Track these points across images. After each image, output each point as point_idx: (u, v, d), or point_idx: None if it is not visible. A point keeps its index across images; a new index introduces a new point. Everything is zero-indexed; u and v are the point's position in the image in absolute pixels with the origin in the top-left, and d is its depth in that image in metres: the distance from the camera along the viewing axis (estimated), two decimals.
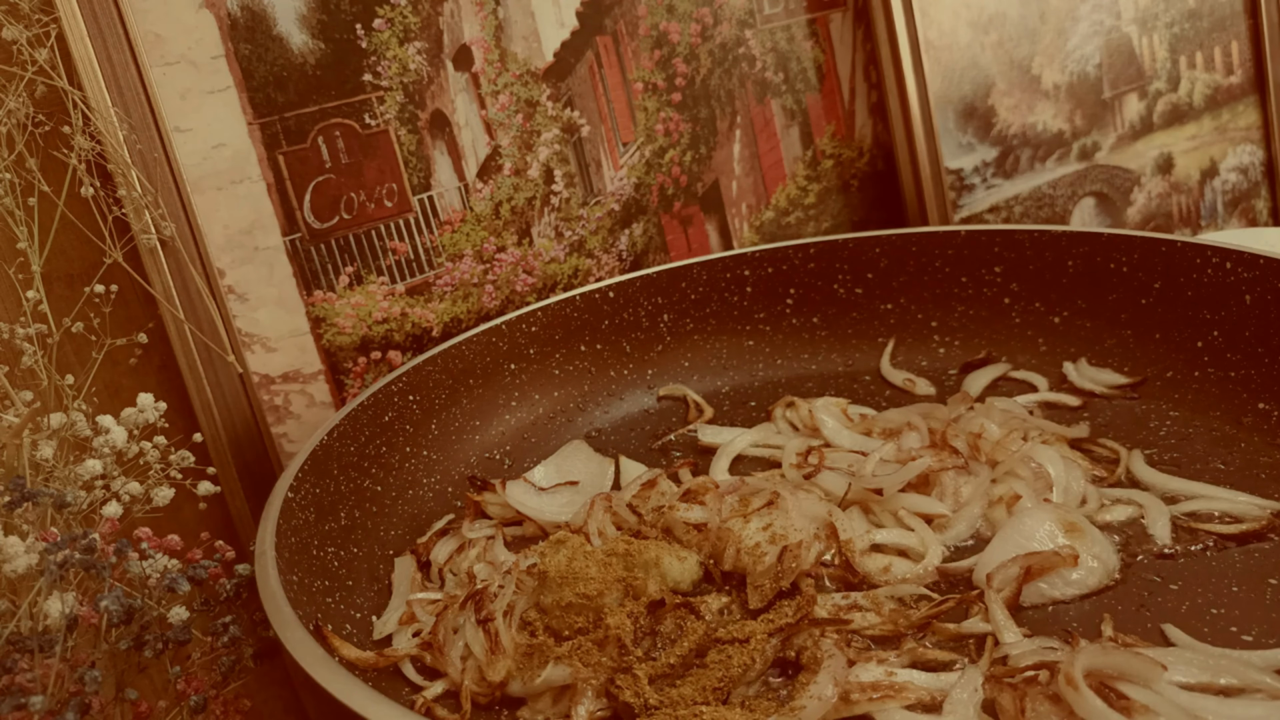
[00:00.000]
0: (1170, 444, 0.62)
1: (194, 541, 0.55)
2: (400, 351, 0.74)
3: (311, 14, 0.69)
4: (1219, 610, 0.48)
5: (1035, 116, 0.98)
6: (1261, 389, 0.62)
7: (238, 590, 0.55)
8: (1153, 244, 0.69)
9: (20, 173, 0.59)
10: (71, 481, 0.53)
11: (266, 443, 0.68)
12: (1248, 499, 0.55)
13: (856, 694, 0.44)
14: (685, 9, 0.85)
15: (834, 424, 0.68)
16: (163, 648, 0.51)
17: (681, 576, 0.53)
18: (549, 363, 0.77)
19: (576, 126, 0.81)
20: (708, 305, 0.81)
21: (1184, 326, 0.67)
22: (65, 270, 0.63)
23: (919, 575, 0.53)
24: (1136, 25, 1.04)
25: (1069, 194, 1.01)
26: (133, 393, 0.60)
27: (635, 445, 0.73)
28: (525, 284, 0.80)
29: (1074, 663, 0.42)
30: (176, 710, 0.53)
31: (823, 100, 0.93)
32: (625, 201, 0.84)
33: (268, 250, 0.69)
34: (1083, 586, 0.50)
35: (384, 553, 0.61)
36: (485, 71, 0.77)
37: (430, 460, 0.68)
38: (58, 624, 0.48)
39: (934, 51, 0.92)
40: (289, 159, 0.69)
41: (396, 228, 0.74)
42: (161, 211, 0.62)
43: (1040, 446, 0.60)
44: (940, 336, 0.78)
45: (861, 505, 0.58)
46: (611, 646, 0.47)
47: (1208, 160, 1.11)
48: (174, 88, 0.65)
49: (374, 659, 0.51)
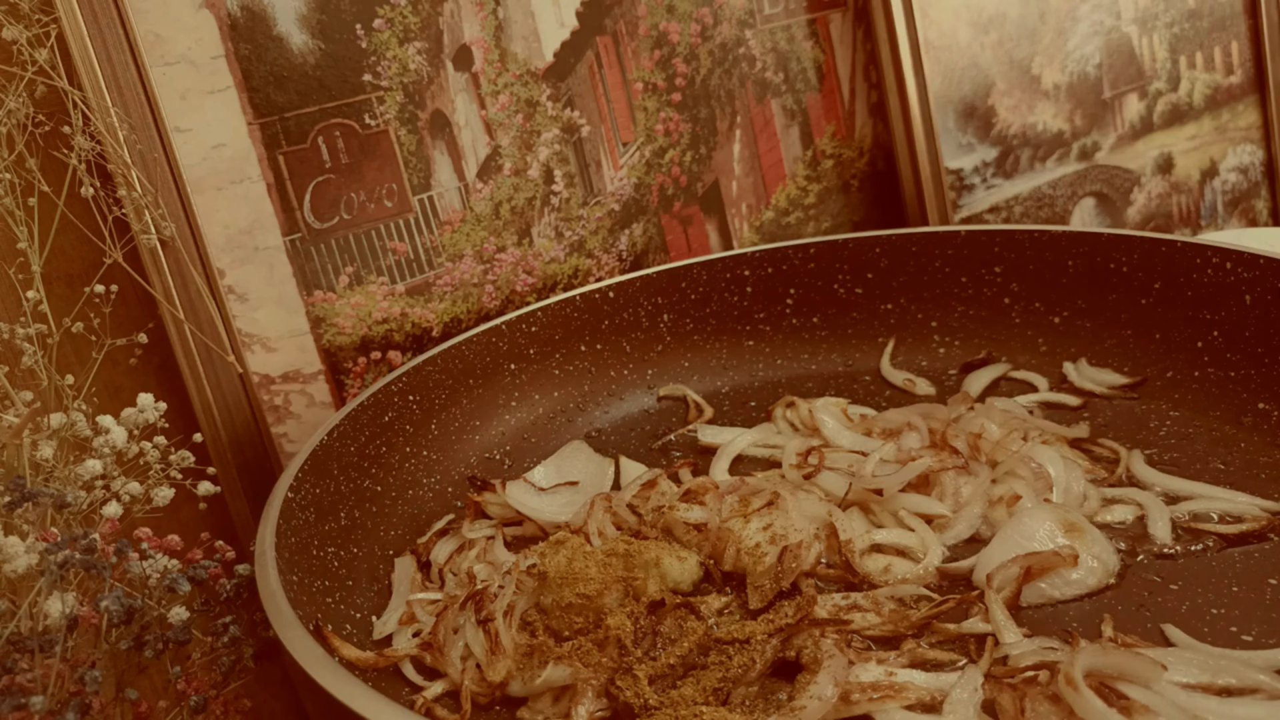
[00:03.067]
0: (1170, 444, 0.62)
1: (194, 541, 0.55)
2: (400, 351, 0.74)
3: (311, 14, 0.69)
4: (1219, 610, 0.48)
5: (1035, 116, 0.98)
6: (1261, 389, 0.62)
7: (238, 590, 0.55)
8: (1153, 244, 0.69)
9: (20, 173, 0.59)
10: (71, 481, 0.53)
11: (266, 443, 0.68)
12: (1248, 499, 0.55)
13: (857, 694, 0.44)
14: (685, 9, 0.85)
15: (834, 424, 0.68)
16: (163, 648, 0.51)
17: (681, 577, 0.53)
18: (549, 363, 0.77)
19: (576, 126, 0.81)
20: (708, 305, 0.81)
21: (1184, 326, 0.67)
22: (65, 270, 0.63)
23: (919, 575, 0.53)
24: (1136, 25, 1.04)
25: (1069, 194, 1.01)
26: (133, 393, 0.60)
27: (635, 445, 0.73)
28: (525, 284, 0.80)
29: (1074, 663, 0.42)
30: (176, 710, 0.53)
31: (823, 100, 0.93)
32: (625, 201, 0.84)
33: (268, 250, 0.69)
34: (1083, 586, 0.50)
35: (384, 553, 0.61)
36: (485, 71, 0.77)
37: (430, 460, 0.68)
38: (58, 624, 0.48)
39: (934, 51, 0.92)
40: (289, 159, 0.69)
41: (396, 228, 0.74)
42: (161, 211, 0.62)
43: (1040, 446, 0.60)
44: (940, 336, 0.78)
45: (861, 505, 0.58)
46: (611, 647, 0.47)
47: (1208, 160, 1.11)
48: (174, 88, 0.65)
49: (374, 659, 0.51)
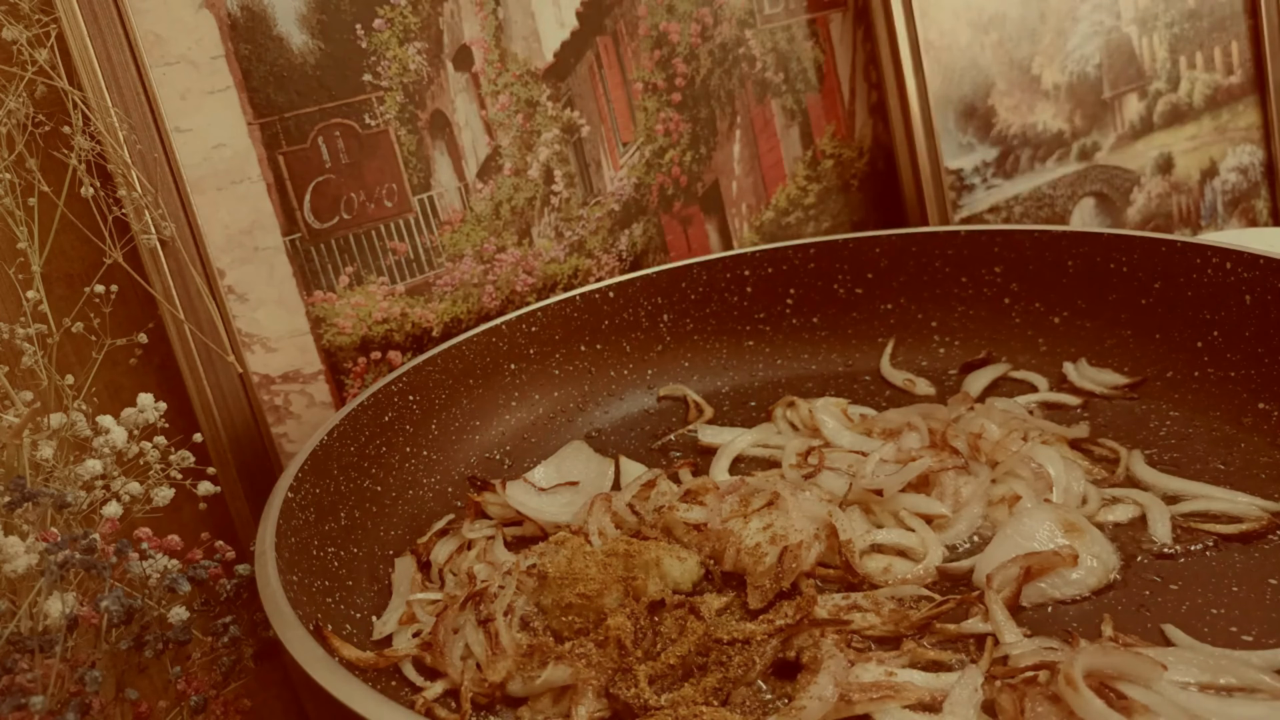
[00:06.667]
0: (1170, 444, 0.62)
1: (194, 541, 0.55)
2: (400, 351, 0.74)
3: (311, 14, 0.69)
4: (1219, 610, 0.48)
5: (1035, 116, 0.98)
6: (1261, 389, 0.62)
7: (238, 590, 0.55)
8: (1153, 244, 0.69)
9: (20, 173, 0.59)
10: (71, 481, 0.53)
11: (266, 443, 0.68)
12: (1248, 499, 0.55)
13: (857, 694, 0.44)
14: (685, 9, 0.85)
15: (834, 424, 0.68)
16: (163, 648, 0.51)
17: (682, 577, 0.53)
18: (549, 363, 0.77)
19: (576, 126, 0.81)
20: (708, 305, 0.81)
21: (1184, 326, 0.67)
22: (65, 270, 0.63)
23: (919, 575, 0.53)
24: (1136, 25, 1.04)
25: (1069, 194, 1.01)
26: (133, 393, 0.60)
27: (635, 445, 0.73)
28: (525, 284, 0.80)
29: (1074, 663, 0.42)
30: (176, 710, 0.53)
31: (823, 100, 0.93)
32: (625, 201, 0.84)
33: (268, 250, 0.69)
34: (1083, 586, 0.50)
35: (384, 553, 0.61)
36: (485, 71, 0.77)
37: (430, 460, 0.68)
38: (58, 624, 0.48)
39: (934, 51, 0.92)
40: (289, 159, 0.69)
41: (396, 228, 0.74)
42: (161, 211, 0.62)
43: (1040, 446, 0.60)
44: (940, 336, 0.78)
45: (862, 505, 0.58)
46: (611, 647, 0.47)
47: (1208, 160, 1.11)
48: (174, 88, 0.65)
49: (374, 659, 0.51)
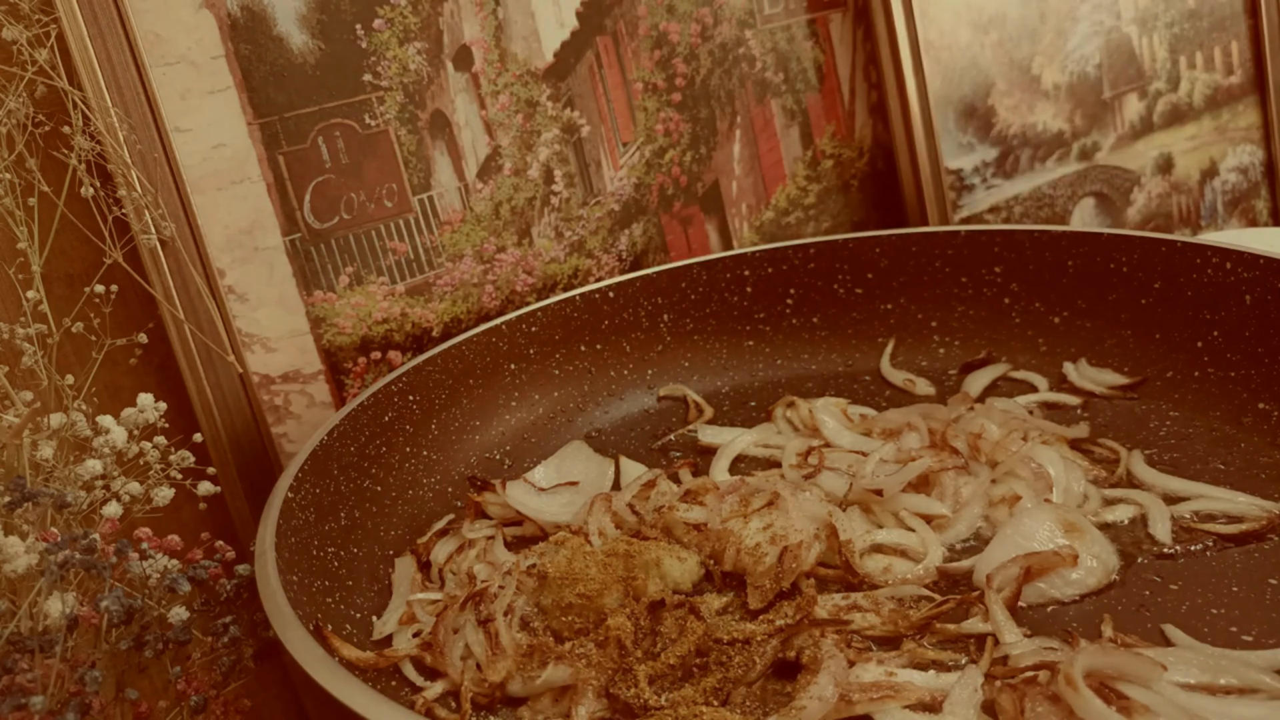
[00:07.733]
0: (1170, 444, 0.62)
1: (194, 542, 0.55)
2: (400, 351, 0.74)
3: (311, 14, 0.69)
4: (1219, 610, 0.48)
5: (1035, 116, 0.98)
6: (1261, 389, 0.62)
7: (238, 590, 0.55)
8: (1153, 244, 0.69)
9: (20, 173, 0.59)
10: (71, 481, 0.53)
11: (266, 443, 0.68)
12: (1248, 499, 0.55)
13: (857, 694, 0.44)
14: (685, 9, 0.85)
15: (834, 424, 0.68)
16: (163, 648, 0.51)
17: (682, 577, 0.53)
18: (549, 363, 0.76)
19: (576, 126, 0.81)
20: (708, 305, 0.81)
21: (1184, 326, 0.67)
22: (65, 270, 0.63)
23: (919, 576, 0.53)
24: (1136, 25, 1.04)
25: (1069, 194, 1.01)
26: (133, 393, 0.60)
27: (635, 445, 0.73)
28: (525, 284, 0.80)
29: (1074, 663, 0.42)
30: (176, 710, 0.53)
31: (823, 100, 0.93)
32: (625, 201, 0.84)
33: (268, 250, 0.69)
34: (1083, 586, 0.50)
35: (384, 553, 0.61)
36: (485, 71, 0.77)
37: (430, 460, 0.68)
38: (58, 624, 0.48)
39: (934, 51, 0.92)
40: (289, 159, 0.69)
41: (396, 228, 0.74)
42: (161, 211, 0.62)
43: (1040, 447, 0.60)
44: (940, 336, 0.78)
45: (862, 505, 0.58)
46: (612, 647, 0.47)
47: (1208, 160, 1.11)
48: (174, 88, 0.65)
49: (374, 659, 0.51)
